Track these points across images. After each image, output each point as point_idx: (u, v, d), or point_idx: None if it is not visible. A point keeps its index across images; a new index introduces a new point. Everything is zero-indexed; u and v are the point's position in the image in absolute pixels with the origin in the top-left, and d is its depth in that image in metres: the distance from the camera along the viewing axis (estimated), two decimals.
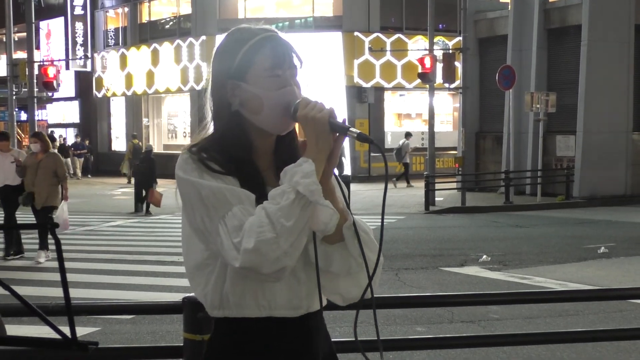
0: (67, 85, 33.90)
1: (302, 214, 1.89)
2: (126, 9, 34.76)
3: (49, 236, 11.14)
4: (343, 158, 26.23)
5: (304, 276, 2.05)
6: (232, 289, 2.01)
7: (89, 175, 33.10)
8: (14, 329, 6.29)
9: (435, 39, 24.99)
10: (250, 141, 2.06)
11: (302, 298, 2.06)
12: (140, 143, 32.18)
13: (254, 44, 2.04)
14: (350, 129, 1.96)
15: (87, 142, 34.56)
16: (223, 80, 2.06)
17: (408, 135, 26.82)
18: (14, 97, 24.05)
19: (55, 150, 12.97)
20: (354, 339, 2.04)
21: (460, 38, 23.06)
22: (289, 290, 2.04)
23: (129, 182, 29.29)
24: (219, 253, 1.95)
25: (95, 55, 36.08)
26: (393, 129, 31.08)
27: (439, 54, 23.19)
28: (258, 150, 2.08)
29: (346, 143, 27.89)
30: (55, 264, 9.34)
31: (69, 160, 32.63)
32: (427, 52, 22.54)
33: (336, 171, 2.08)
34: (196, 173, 1.97)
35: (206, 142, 2.05)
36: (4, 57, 28.93)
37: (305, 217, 1.91)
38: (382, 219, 2.01)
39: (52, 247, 11.07)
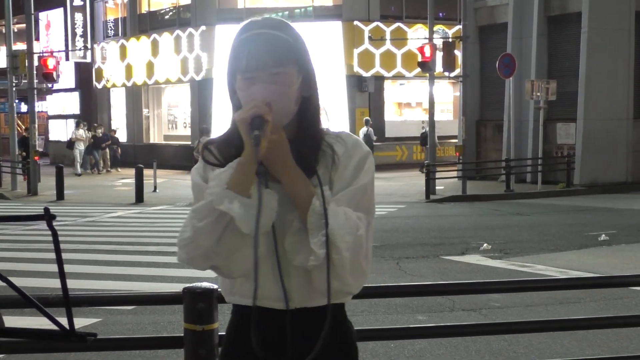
0: (67, 77, 33.83)
1: (214, 214, 1.94)
2: (125, 0, 34.67)
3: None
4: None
5: (292, 270, 2.01)
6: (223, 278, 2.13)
7: (118, 169, 30.74)
8: (15, 321, 6.30)
9: (435, 28, 24.89)
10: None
11: (291, 291, 2.02)
12: (100, 132, 31.24)
13: (236, 45, 2.05)
14: (254, 132, 1.89)
15: (113, 133, 32.31)
16: (227, 77, 2.12)
17: (367, 122, 26.63)
18: (14, 89, 24.00)
19: None
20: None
21: (460, 26, 23.00)
22: (275, 283, 2.01)
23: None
24: None
25: (95, 46, 36.00)
26: (393, 118, 31.03)
27: (439, 42, 23.14)
28: None
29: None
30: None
31: (99, 152, 31.82)
32: (427, 40, 22.49)
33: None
34: (199, 169, 2.09)
35: (219, 136, 2.14)
36: (3, 48, 28.88)
37: (220, 218, 1.93)
38: (326, 214, 1.92)
39: (49, 238, 11.06)
